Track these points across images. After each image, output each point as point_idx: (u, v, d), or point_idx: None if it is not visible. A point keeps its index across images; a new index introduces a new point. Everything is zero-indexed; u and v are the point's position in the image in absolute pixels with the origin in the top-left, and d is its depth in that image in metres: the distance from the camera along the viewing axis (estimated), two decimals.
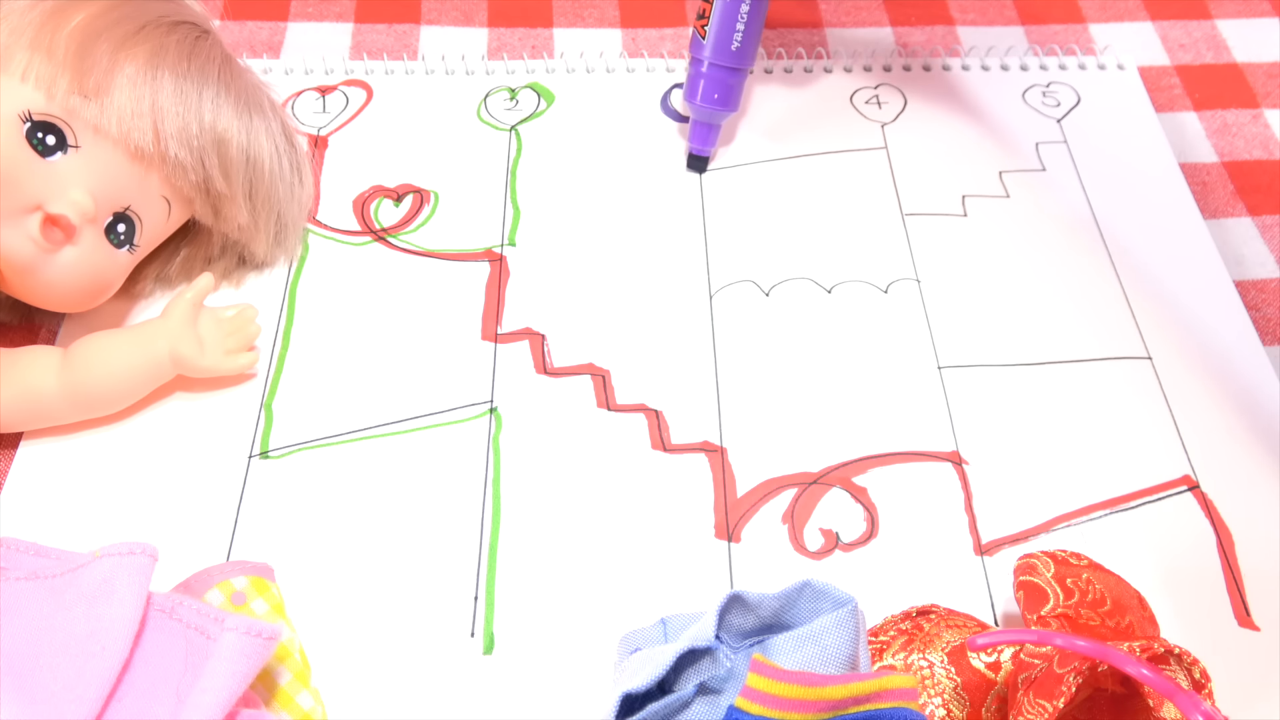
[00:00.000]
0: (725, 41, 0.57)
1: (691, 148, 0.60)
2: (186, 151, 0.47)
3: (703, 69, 0.58)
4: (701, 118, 0.59)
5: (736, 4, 0.56)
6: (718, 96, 0.58)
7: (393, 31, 0.68)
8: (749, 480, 0.48)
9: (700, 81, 0.58)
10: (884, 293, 0.55)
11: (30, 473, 0.47)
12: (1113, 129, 0.64)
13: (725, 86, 0.58)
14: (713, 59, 0.57)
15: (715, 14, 0.57)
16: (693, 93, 0.59)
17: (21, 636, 0.36)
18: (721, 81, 0.58)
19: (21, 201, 0.44)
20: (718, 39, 0.57)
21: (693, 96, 0.59)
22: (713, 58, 0.57)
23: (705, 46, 0.57)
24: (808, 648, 0.37)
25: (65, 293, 0.46)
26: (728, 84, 0.58)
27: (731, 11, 0.57)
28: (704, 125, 0.59)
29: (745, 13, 0.56)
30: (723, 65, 0.58)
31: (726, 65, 0.58)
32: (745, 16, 0.57)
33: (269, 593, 0.41)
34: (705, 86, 0.58)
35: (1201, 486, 0.49)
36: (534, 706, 0.42)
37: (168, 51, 0.47)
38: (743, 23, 0.57)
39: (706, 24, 0.57)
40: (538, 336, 0.53)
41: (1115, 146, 0.63)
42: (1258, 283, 0.57)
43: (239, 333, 0.50)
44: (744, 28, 0.57)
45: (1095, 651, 0.34)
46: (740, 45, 0.57)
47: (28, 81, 0.45)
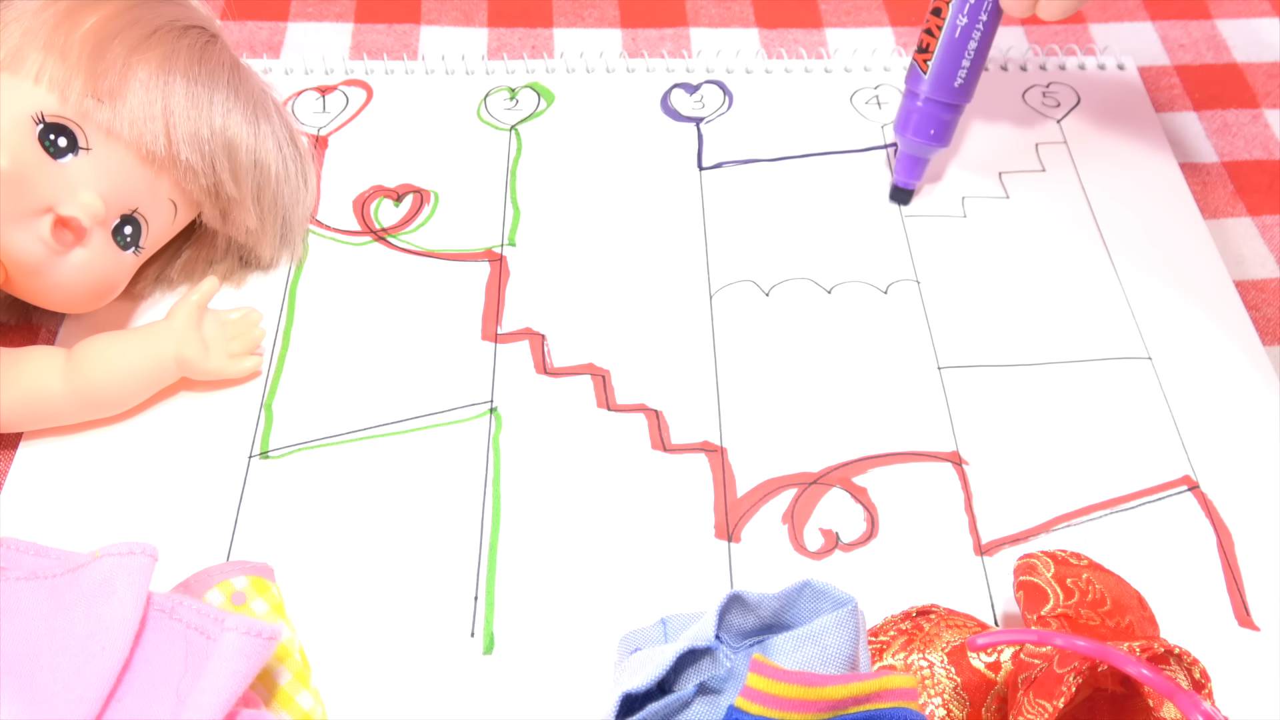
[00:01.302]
0: (948, 78, 0.55)
1: (897, 180, 0.59)
2: (197, 155, 0.48)
3: (918, 103, 0.56)
4: (912, 151, 0.58)
5: (964, 41, 0.54)
6: (934, 133, 0.56)
7: (393, 31, 0.68)
8: (749, 480, 0.48)
9: (914, 115, 0.56)
10: (884, 293, 0.55)
11: (30, 473, 0.47)
12: (1113, 129, 0.64)
13: (941, 123, 0.56)
14: (932, 94, 0.56)
15: (940, 49, 0.54)
16: (905, 126, 0.57)
17: (21, 636, 0.36)
18: (938, 118, 0.56)
19: (32, 203, 0.44)
20: (940, 75, 0.55)
21: (905, 130, 0.57)
22: (932, 93, 0.56)
23: (925, 81, 0.55)
24: (808, 648, 0.37)
25: (72, 294, 0.47)
26: (944, 120, 0.56)
27: (958, 48, 0.54)
28: (913, 159, 0.58)
29: (972, 50, 0.54)
30: (942, 101, 0.56)
31: (946, 101, 0.56)
32: (972, 54, 0.54)
33: (269, 593, 0.41)
34: (919, 121, 0.56)
35: (1201, 486, 0.49)
36: (534, 706, 0.42)
37: (179, 56, 0.48)
38: (969, 59, 0.55)
39: (929, 58, 0.55)
40: (538, 336, 0.53)
41: (1115, 146, 0.63)
42: (1258, 283, 0.57)
43: (243, 336, 0.50)
44: (969, 64, 0.55)
45: (1095, 651, 0.34)
46: (963, 82, 0.55)
47: (41, 83, 0.45)
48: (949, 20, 0.54)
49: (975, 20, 0.54)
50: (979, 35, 0.54)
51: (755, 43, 0.68)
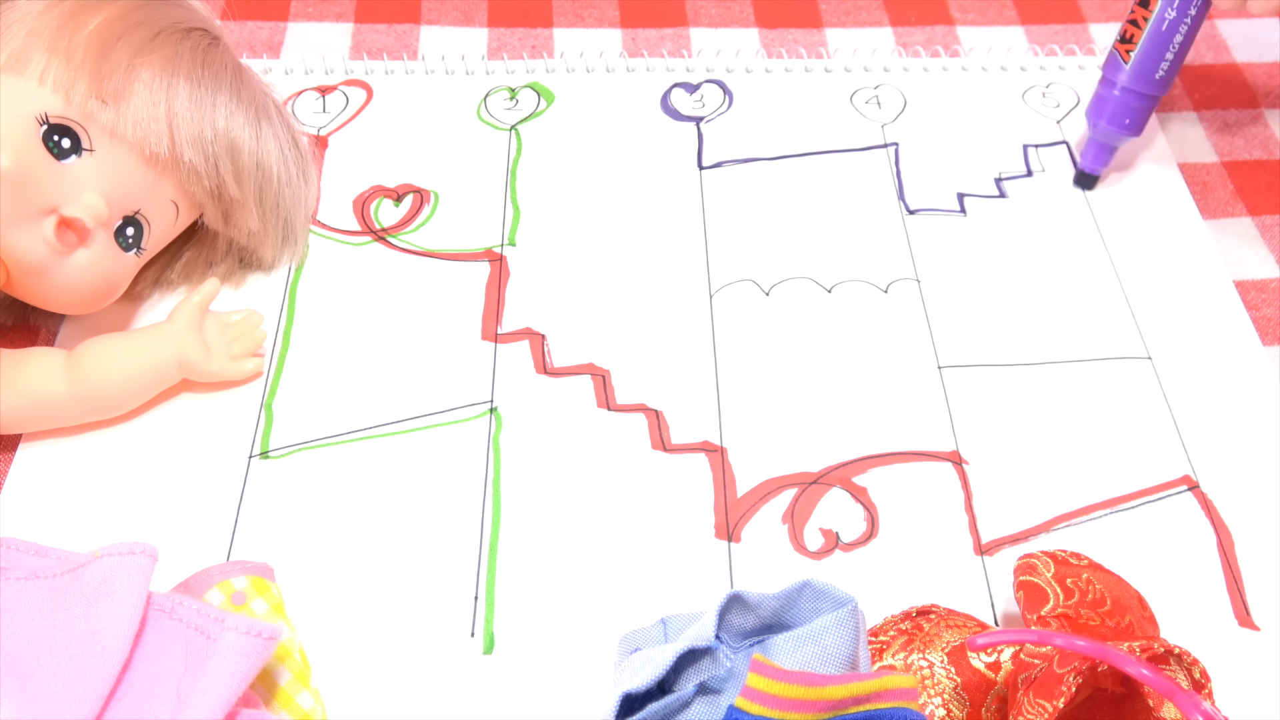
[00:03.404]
0: (1150, 69, 0.56)
1: (1084, 165, 0.60)
2: (200, 157, 0.48)
3: (1115, 91, 0.57)
4: (1104, 139, 0.58)
5: (1170, 34, 0.55)
6: (1129, 122, 0.57)
7: (393, 31, 0.68)
8: (749, 480, 0.48)
9: (1110, 104, 0.57)
10: (884, 293, 0.55)
11: (30, 473, 0.47)
12: None
13: (1136, 112, 0.57)
14: (1131, 84, 0.56)
15: (1145, 40, 0.55)
16: (1099, 113, 0.58)
17: (21, 636, 0.36)
18: (1134, 108, 0.57)
19: (36, 204, 0.44)
20: (1142, 65, 0.56)
21: (1099, 117, 0.58)
22: (1131, 83, 0.56)
23: (1125, 70, 0.56)
24: (808, 648, 0.37)
25: (74, 295, 0.47)
26: (1140, 110, 0.57)
27: (1164, 40, 0.55)
28: (1102, 146, 0.59)
29: (1178, 43, 0.55)
30: (1140, 92, 0.57)
31: (1145, 92, 0.57)
32: (1177, 46, 0.55)
33: (269, 593, 0.41)
34: (1115, 110, 0.57)
35: (1201, 486, 0.49)
36: (534, 706, 0.42)
37: (183, 58, 0.48)
38: (1173, 52, 0.55)
39: (1132, 49, 0.56)
40: (538, 336, 0.53)
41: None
42: (1258, 283, 0.57)
43: (245, 338, 0.50)
44: (1173, 57, 0.56)
45: (1095, 651, 0.34)
46: (1165, 74, 0.56)
47: (45, 84, 0.45)
48: (1157, 12, 0.55)
49: (1184, 14, 0.54)
50: (1185, 30, 0.55)
51: (755, 43, 0.68)
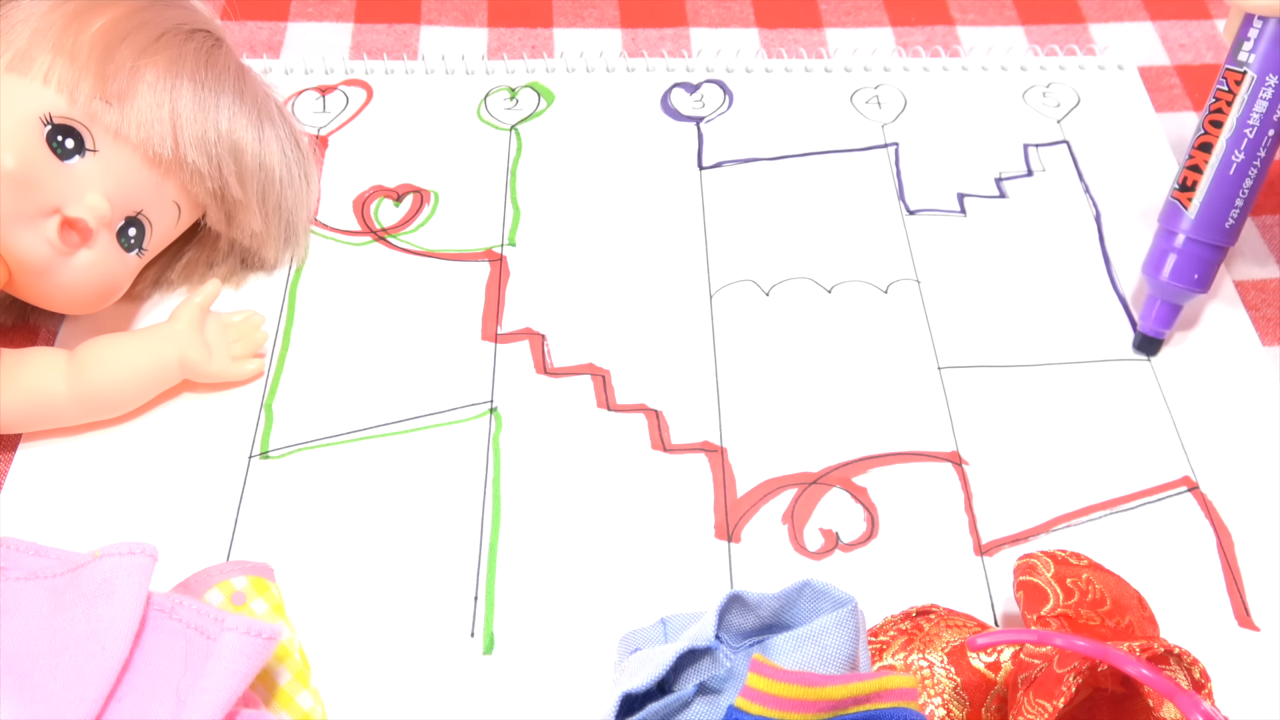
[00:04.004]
0: (1218, 218, 0.50)
1: (1146, 328, 0.52)
2: (204, 158, 0.48)
3: (1176, 242, 0.51)
4: (1168, 296, 0.51)
5: (1239, 179, 0.49)
6: (1197, 277, 0.50)
7: (393, 31, 0.68)
8: (749, 480, 0.48)
9: (1173, 256, 0.51)
10: (884, 293, 0.55)
11: (30, 473, 0.47)
12: (1113, 129, 0.64)
13: (1206, 265, 0.50)
14: (1196, 235, 0.50)
15: (1209, 186, 0.49)
16: (1158, 268, 0.51)
17: (21, 636, 0.36)
18: (1202, 260, 0.50)
19: (39, 204, 0.44)
20: (1208, 214, 0.50)
21: (1158, 272, 0.51)
22: (1196, 234, 0.50)
23: (1187, 219, 0.50)
24: (808, 648, 0.37)
25: (76, 295, 0.47)
26: (1209, 262, 0.51)
27: (1231, 186, 0.49)
28: (1167, 305, 0.52)
29: (1247, 188, 0.49)
30: (1208, 243, 0.50)
31: (1212, 243, 0.50)
32: (1246, 192, 0.49)
33: (269, 593, 0.41)
34: (1180, 264, 0.50)
35: (1201, 487, 0.49)
36: (534, 706, 0.42)
37: (186, 59, 0.48)
38: (1242, 198, 0.49)
39: (1192, 196, 0.50)
40: (538, 336, 0.53)
41: (1115, 147, 0.63)
42: (1258, 283, 0.57)
43: (246, 338, 0.50)
44: (1242, 204, 0.50)
45: (1095, 651, 0.34)
46: (1234, 222, 0.50)
47: (50, 85, 0.45)
48: (1222, 156, 0.49)
49: (1253, 156, 0.49)
50: (1255, 173, 0.49)
51: (755, 43, 0.68)
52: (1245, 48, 0.48)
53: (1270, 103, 0.48)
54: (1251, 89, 0.48)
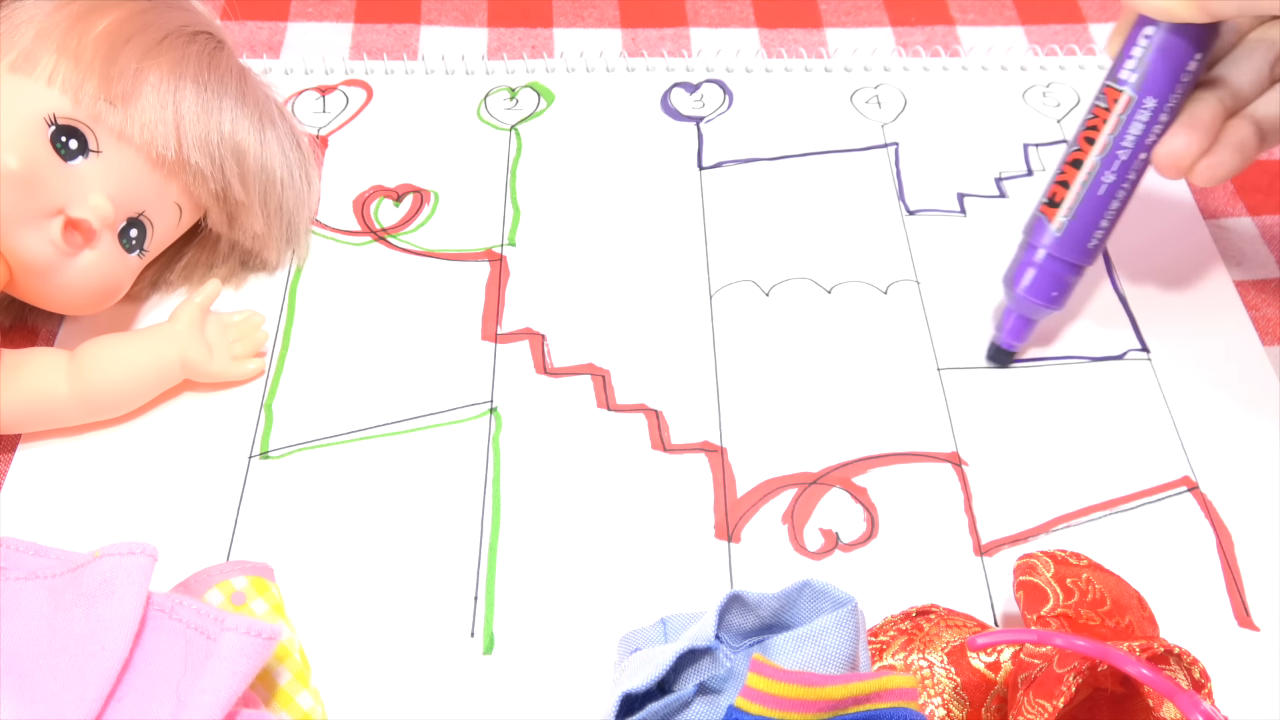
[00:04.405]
0: (1082, 238, 0.48)
1: (1002, 340, 0.52)
2: (207, 160, 0.48)
3: (1036, 257, 0.49)
4: (1024, 311, 0.51)
5: (1107, 200, 0.47)
6: (1055, 295, 0.50)
7: (393, 31, 0.68)
8: (749, 480, 0.48)
9: (1032, 271, 0.49)
10: (884, 293, 0.55)
11: (30, 473, 0.47)
12: None
13: (1064, 284, 0.49)
14: (1059, 252, 0.49)
15: (1078, 206, 0.47)
16: (1019, 281, 0.50)
17: (21, 636, 0.36)
18: (1061, 278, 0.49)
19: (43, 205, 0.44)
20: (1073, 232, 0.48)
21: (1015, 285, 0.50)
22: (1058, 251, 0.49)
23: (1050, 235, 0.48)
24: (807, 648, 0.37)
25: (77, 296, 0.47)
26: (1067, 281, 0.49)
27: (1099, 207, 0.47)
28: (1023, 319, 0.51)
29: (1114, 210, 0.48)
30: (1069, 261, 0.49)
31: (1073, 262, 0.49)
32: (1112, 214, 0.48)
33: (269, 593, 0.41)
34: (1039, 279, 0.49)
35: (1201, 487, 0.49)
36: (534, 706, 0.42)
37: (189, 61, 0.48)
38: (1107, 219, 0.48)
39: (1058, 211, 0.48)
40: (538, 336, 0.53)
41: None
42: (1258, 283, 0.57)
43: (246, 338, 0.50)
44: (1107, 225, 0.48)
45: (1095, 651, 0.34)
46: (1097, 243, 0.49)
47: (54, 85, 0.45)
48: (1092, 175, 0.47)
49: (1123, 178, 0.47)
50: (1123, 195, 0.47)
51: (755, 43, 0.68)
52: (1129, 65, 0.46)
53: (1146, 125, 0.46)
54: (1129, 110, 0.46)
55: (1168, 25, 0.44)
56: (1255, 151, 0.46)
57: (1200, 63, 0.45)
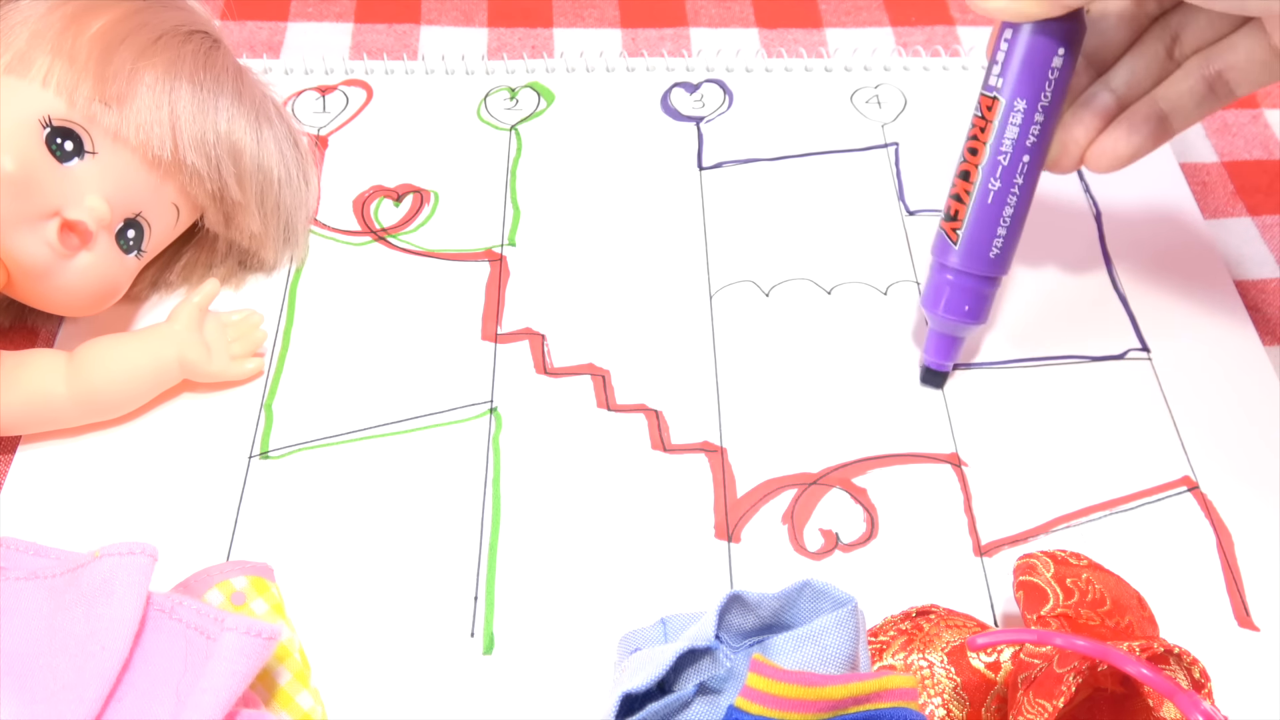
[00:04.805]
0: (982, 249, 0.48)
1: (928, 361, 0.51)
2: (203, 160, 0.48)
3: (948, 276, 0.49)
4: (944, 330, 0.50)
5: (999, 207, 0.47)
6: (968, 309, 0.49)
7: (393, 31, 0.68)
8: (749, 480, 0.48)
9: (945, 290, 0.49)
10: (884, 294, 0.55)
11: (30, 473, 0.47)
12: None
13: (977, 297, 0.49)
14: (963, 266, 0.48)
15: (971, 217, 0.47)
16: (935, 302, 0.50)
17: (21, 636, 0.36)
18: (973, 291, 0.49)
19: (39, 206, 0.44)
20: (972, 245, 0.48)
21: (934, 306, 0.50)
22: (964, 265, 0.48)
23: (954, 252, 0.48)
24: (807, 648, 0.37)
25: (75, 297, 0.47)
26: (980, 294, 0.49)
27: (991, 216, 0.47)
28: (946, 338, 0.51)
29: (1009, 216, 0.47)
30: (976, 274, 0.49)
31: (980, 274, 0.49)
32: (1008, 221, 0.47)
33: (269, 593, 0.41)
34: (952, 296, 0.49)
35: (1201, 487, 0.49)
36: (534, 706, 0.42)
37: (185, 61, 0.48)
38: (1004, 227, 0.47)
39: (958, 227, 0.48)
40: (538, 336, 0.53)
41: None
42: (1258, 283, 0.57)
43: (245, 338, 0.50)
44: (1005, 233, 0.48)
45: (1095, 651, 0.34)
46: (999, 252, 0.48)
47: (49, 87, 0.45)
48: (980, 186, 0.47)
49: (1010, 184, 0.47)
50: (1014, 200, 0.47)
51: (755, 43, 0.68)
52: (995, 71, 0.46)
53: (1021, 128, 0.45)
54: (1003, 114, 0.46)
55: (1026, 25, 0.44)
56: (1150, 137, 0.47)
57: (1066, 57, 0.44)
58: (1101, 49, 0.47)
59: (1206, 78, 0.45)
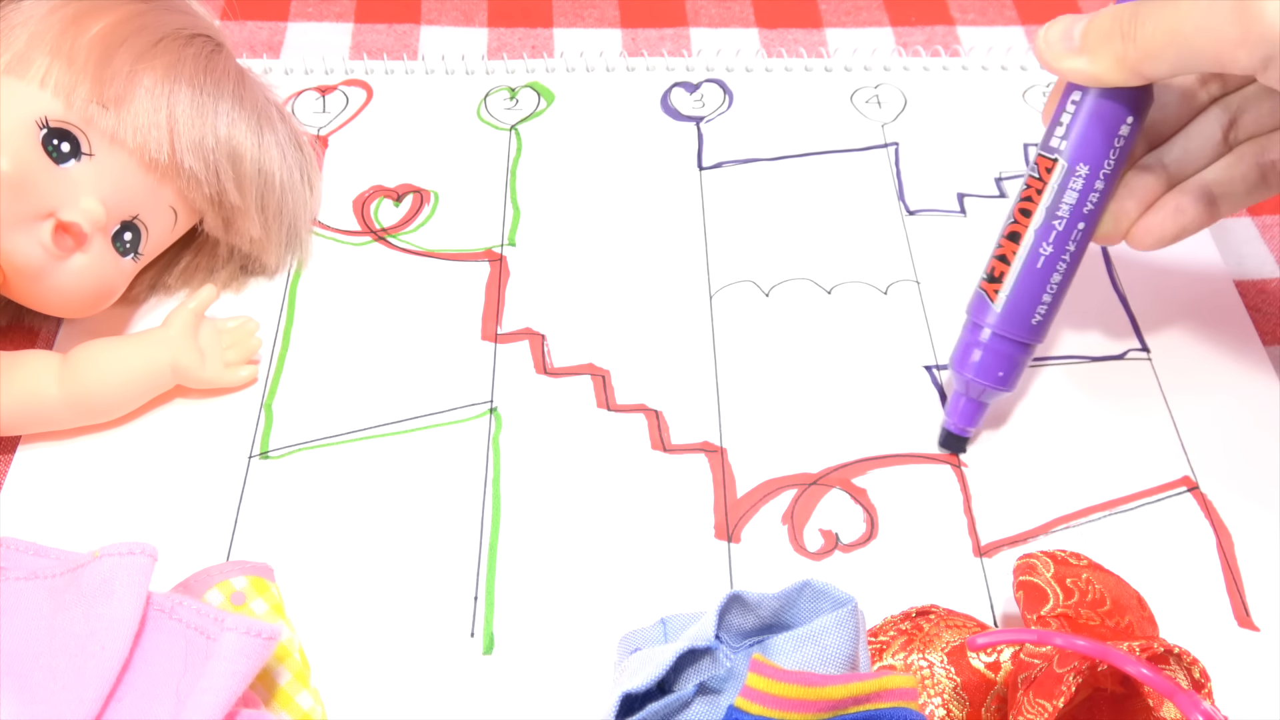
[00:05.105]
0: (1024, 314, 0.45)
1: (950, 425, 0.49)
2: (201, 164, 0.48)
3: (981, 336, 0.46)
4: (973, 393, 0.48)
5: (1047, 273, 0.45)
6: (1002, 375, 0.46)
7: (393, 31, 0.68)
8: (749, 480, 0.48)
9: (978, 351, 0.46)
10: (884, 294, 0.55)
11: (30, 473, 0.47)
12: None
13: (1012, 363, 0.46)
14: (1002, 330, 0.46)
15: (1016, 279, 0.45)
16: (965, 363, 0.47)
17: (21, 636, 0.36)
18: (1008, 356, 0.46)
19: (34, 208, 0.44)
20: (1014, 309, 0.45)
21: (964, 367, 0.47)
22: (1002, 328, 0.46)
23: (993, 313, 0.46)
24: (807, 648, 0.37)
25: (70, 299, 0.47)
26: (1015, 360, 0.47)
27: (1039, 281, 0.45)
28: (972, 402, 0.48)
29: (1055, 283, 0.45)
30: (1014, 339, 0.46)
31: (1019, 340, 0.46)
32: (1054, 288, 0.45)
33: (269, 593, 0.41)
34: (986, 360, 0.46)
35: (1201, 487, 0.49)
36: (534, 706, 0.42)
37: (185, 64, 0.48)
38: (1050, 293, 0.45)
39: (999, 287, 0.45)
40: (538, 336, 0.53)
41: None
42: (1258, 283, 0.57)
43: (240, 345, 0.50)
44: (1050, 299, 0.45)
45: (1095, 651, 0.34)
46: (1041, 319, 0.46)
47: (46, 88, 0.45)
48: (1029, 248, 0.45)
49: (1062, 250, 0.45)
50: (1064, 267, 0.45)
51: (755, 42, 0.68)
52: (1058, 133, 0.44)
53: (1081, 194, 0.44)
54: (1062, 178, 0.44)
55: (1096, 89, 0.43)
56: (1198, 218, 0.45)
57: (1134, 126, 0.43)
58: (1159, 122, 0.46)
59: (1261, 165, 0.45)
